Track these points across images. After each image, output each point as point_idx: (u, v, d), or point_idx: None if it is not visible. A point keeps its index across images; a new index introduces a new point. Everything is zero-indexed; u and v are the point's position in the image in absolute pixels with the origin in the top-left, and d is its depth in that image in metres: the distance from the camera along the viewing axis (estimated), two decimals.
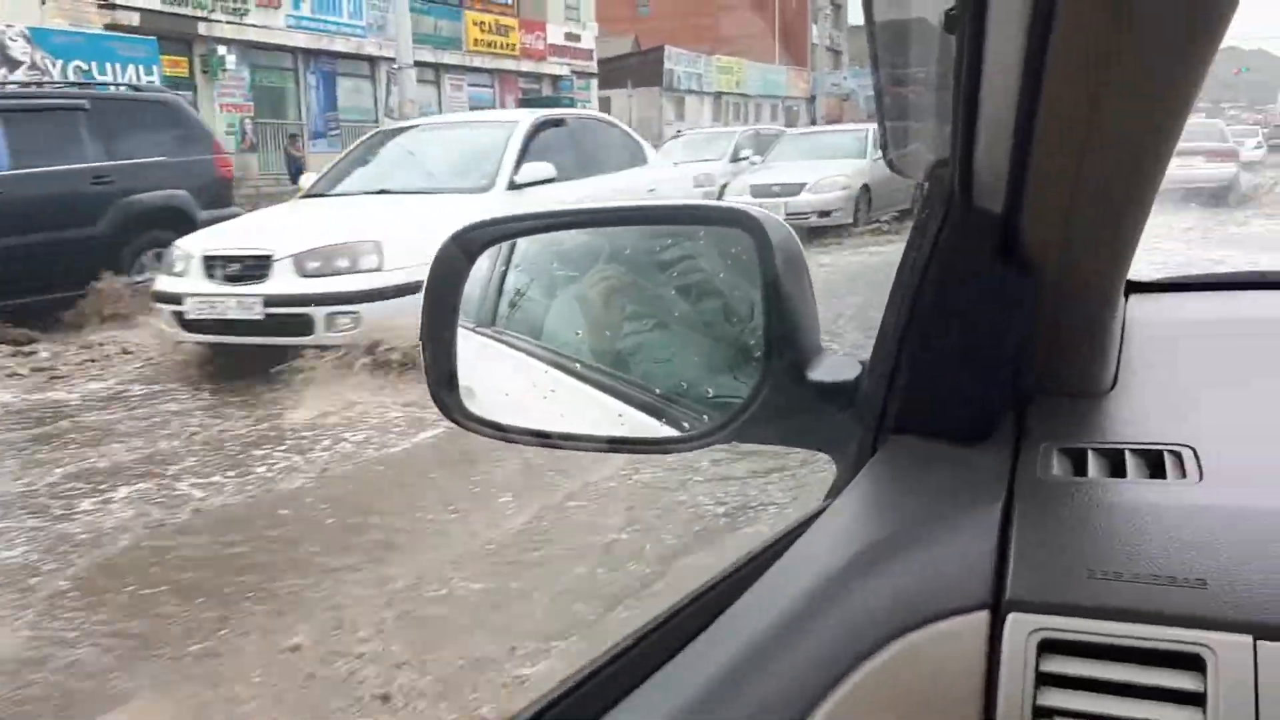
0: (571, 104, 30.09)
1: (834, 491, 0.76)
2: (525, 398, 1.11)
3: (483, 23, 26.88)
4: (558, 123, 8.45)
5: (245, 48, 21.32)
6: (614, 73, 34.29)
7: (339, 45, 23.57)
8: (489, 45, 27.21)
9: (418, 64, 23.96)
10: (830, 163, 14.09)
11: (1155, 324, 0.97)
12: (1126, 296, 0.99)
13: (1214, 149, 17.38)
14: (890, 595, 0.59)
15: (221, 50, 20.69)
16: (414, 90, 16.69)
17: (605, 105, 33.81)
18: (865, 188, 13.88)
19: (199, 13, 20.23)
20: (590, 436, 0.94)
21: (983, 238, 0.70)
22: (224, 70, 20.72)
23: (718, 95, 40.80)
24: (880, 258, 10.23)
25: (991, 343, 0.73)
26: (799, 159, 14.70)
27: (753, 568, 0.65)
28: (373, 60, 23.61)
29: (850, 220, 13.59)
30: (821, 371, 0.81)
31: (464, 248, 0.94)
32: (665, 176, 9.86)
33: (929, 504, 0.66)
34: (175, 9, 19.80)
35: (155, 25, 18.83)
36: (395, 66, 16.65)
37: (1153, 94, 0.59)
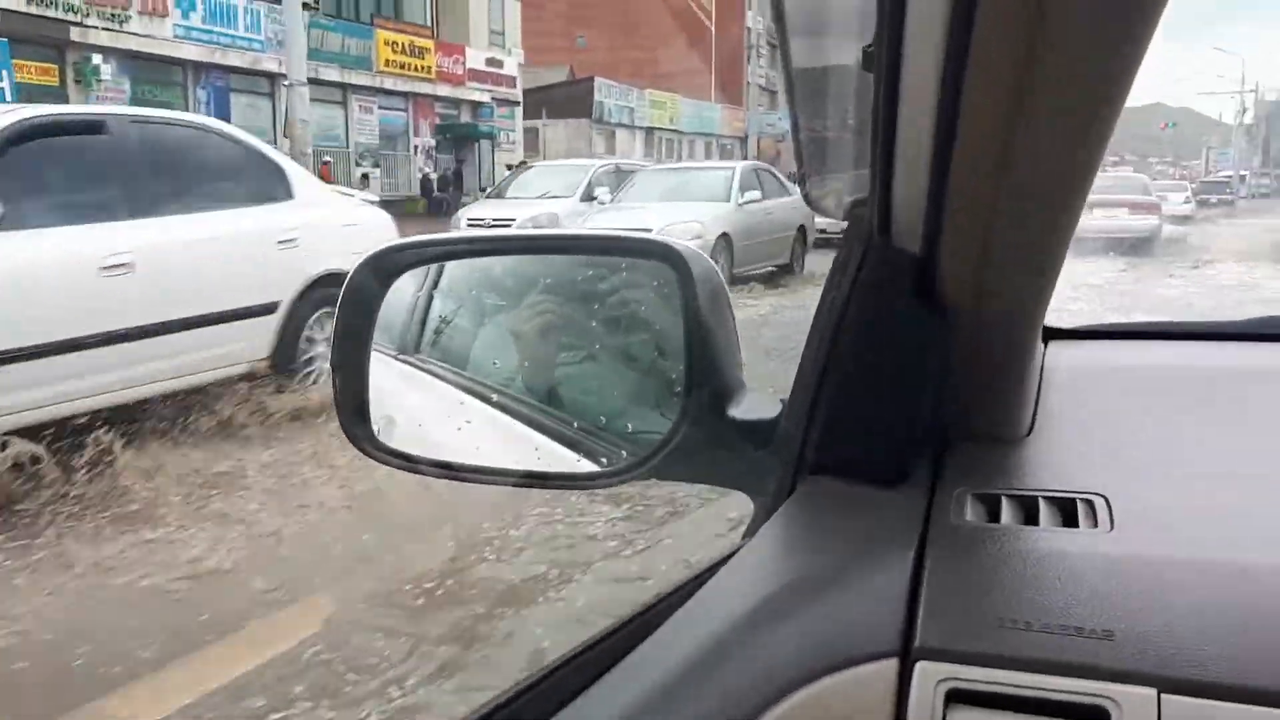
0: (491, 132, 28.83)
1: (750, 531, 0.78)
2: (441, 429, 1.08)
3: (395, 43, 25.45)
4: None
5: (125, 57, 19.75)
6: (542, 102, 33.14)
7: (234, 59, 22.07)
8: (402, 67, 25.78)
9: (324, 83, 22.61)
10: (687, 206, 12.02)
11: (1073, 370, 0.98)
12: (1046, 342, 1.02)
13: (1137, 201, 18.28)
14: (798, 641, 0.59)
15: (96, 59, 19.09)
16: (306, 110, 15.19)
17: (531, 135, 32.64)
18: (725, 237, 11.61)
19: (71, 17, 18.61)
20: (504, 470, 0.93)
21: (900, 278, 0.71)
22: (99, 81, 19.10)
23: (650, 130, 39.87)
24: None
25: (909, 385, 0.74)
26: (654, 200, 12.57)
27: (661, 610, 0.66)
28: (272, 77, 22.03)
29: None
30: (743, 408, 0.82)
31: (379, 271, 0.94)
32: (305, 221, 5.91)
33: (842, 547, 0.66)
34: (41, 11, 18.15)
35: (14, 27, 17.17)
36: (287, 83, 15.19)
37: (1066, 135, 0.59)
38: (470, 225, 14.13)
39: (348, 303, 0.92)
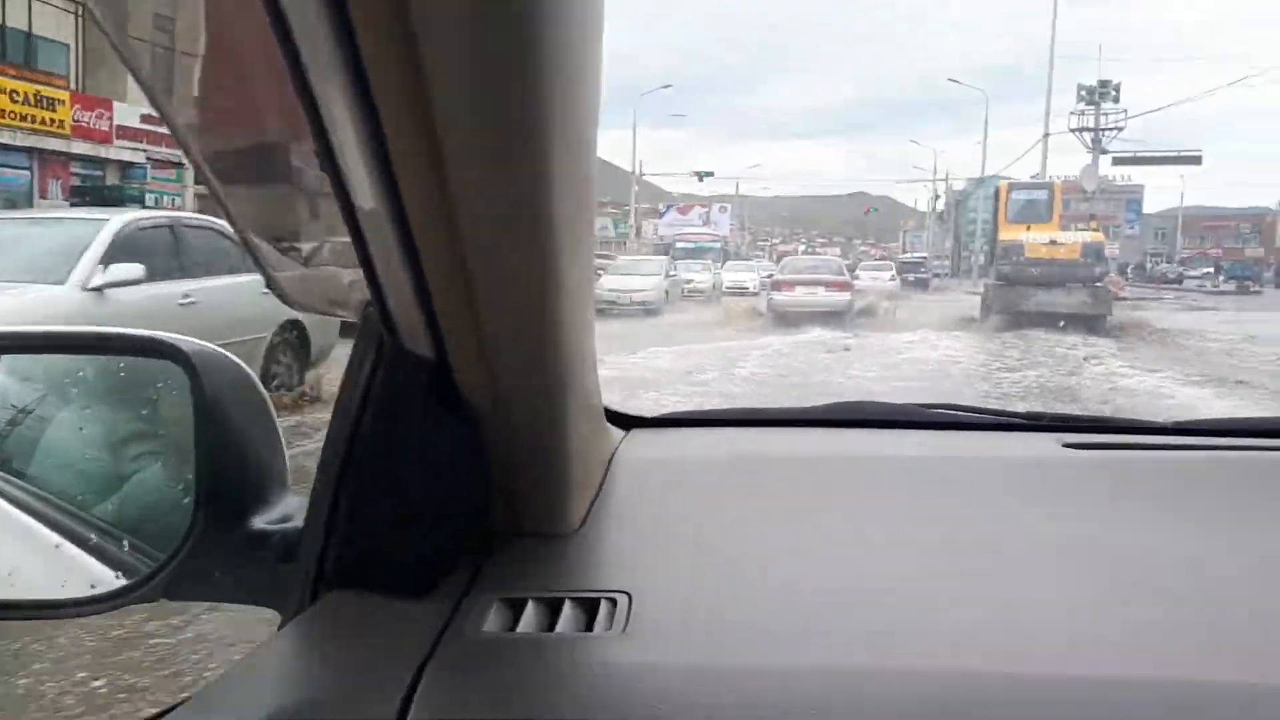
0: (141, 195, 25.47)
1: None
2: None
3: (14, 91, 21.82)
4: None
5: None
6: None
7: None
8: (24, 119, 22.15)
9: None
10: None
11: (645, 461, 0.98)
12: (628, 429, 1.08)
13: (834, 280, 21.85)
14: None
15: None
16: None
17: (207, 202, 29.40)
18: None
19: None
20: None
21: (415, 381, 0.69)
22: None
23: None
24: None
25: (434, 490, 0.71)
26: None
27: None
28: None
29: None
30: (270, 516, 0.76)
31: None
32: None
33: (334, 673, 0.62)
34: None
35: None
36: None
37: (493, 192, 0.56)
38: None
39: None
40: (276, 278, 0.73)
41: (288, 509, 0.77)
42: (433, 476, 0.70)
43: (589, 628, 0.67)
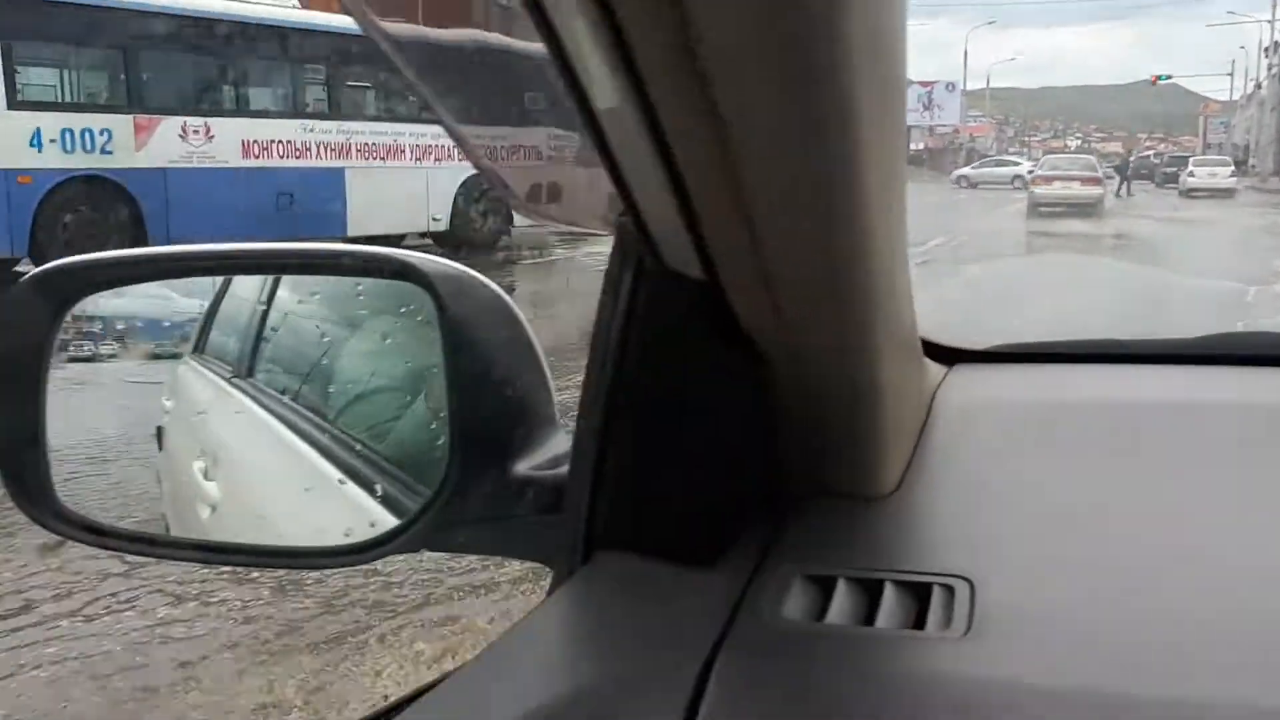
0: None
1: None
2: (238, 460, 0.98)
3: None
4: None
5: None
6: None
7: None
8: None
9: None
10: None
11: (973, 406, 0.81)
12: (951, 364, 0.88)
13: (1087, 176, 24.90)
14: None
15: None
16: None
17: None
18: None
19: None
20: (228, 546, 0.82)
21: (685, 309, 0.58)
22: None
23: None
24: None
25: (719, 436, 0.61)
26: None
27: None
28: None
29: None
30: (538, 460, 0.69)
31: (49, 296, 0.79)
32: None
33: (616, 654, 0.55)
34: None
35: None
36: None
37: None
38: None
39: (6, 334, 0.78)
40: (511, 185, 0.65)
41: (557, 452, 0.69)
42: (714, 420, 0.60)
43: (919, 622, 0.55)
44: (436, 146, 15.49)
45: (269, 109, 13.91)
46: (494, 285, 0.73)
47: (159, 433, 1.03)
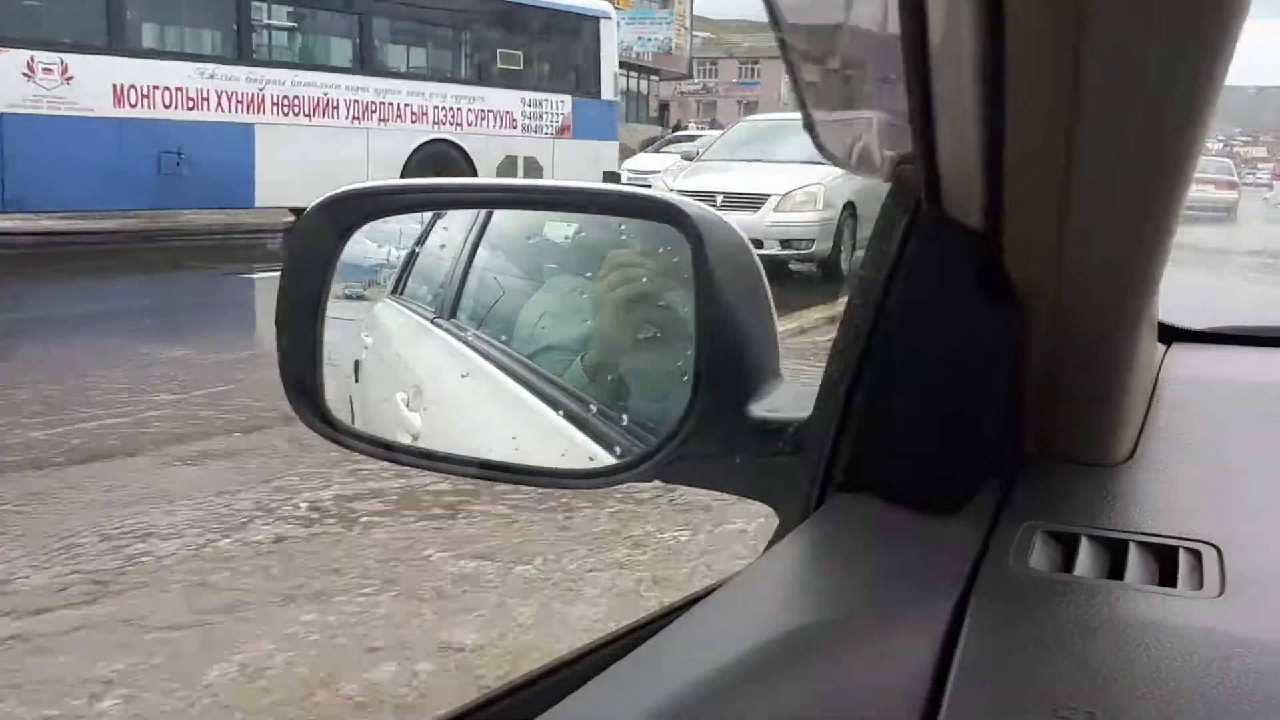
0: None
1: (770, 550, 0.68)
2: (444, 394, 1.05)
3: None
4: None
5: None
6: None
7: None
8: None
9: None
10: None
11: (1197, 383, 0.83)
12: (1168, 344, 0.90)
13: (1220, 179, 24.24)
14: (794, 709, 0.48)
15: None
16: None
17: None
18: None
19: None
20: (469, 459, 0.85)
21: (958, 259, 0.59)
22: None
23: None
24: None
25: (969, 390, 0.62)
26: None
27: (655, 629, 0.56)
28: None
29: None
30: (768, 405, 0.73)
31: (335, 221, 0.85)
32: None
33: (866, 589, 0.57)
34: None
35: None
36: None
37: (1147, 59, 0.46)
38: None
39: (296, 254, 0.85)
40: (814, 116, 0.63)
41: (784, 397, 0.71)
42: (969, 374, 0.60)
43: (1169, 581, 0.54)
44: (382, 104, 12.66)
45: (153, 47, 11.31)
46: (739, 231, 0.74)
47: (355, 366, 1.04)
